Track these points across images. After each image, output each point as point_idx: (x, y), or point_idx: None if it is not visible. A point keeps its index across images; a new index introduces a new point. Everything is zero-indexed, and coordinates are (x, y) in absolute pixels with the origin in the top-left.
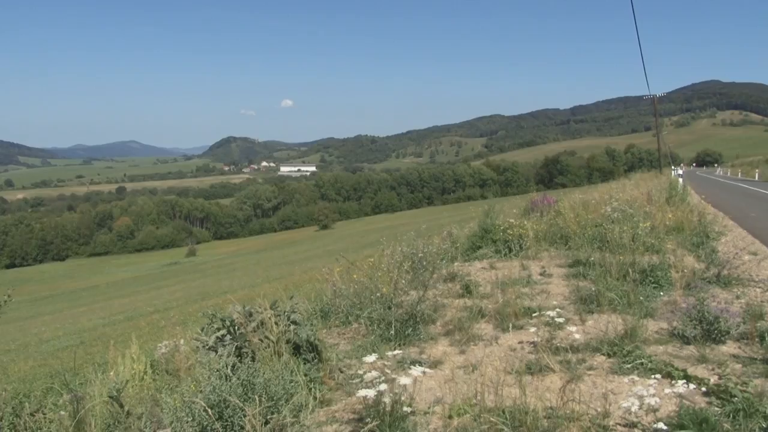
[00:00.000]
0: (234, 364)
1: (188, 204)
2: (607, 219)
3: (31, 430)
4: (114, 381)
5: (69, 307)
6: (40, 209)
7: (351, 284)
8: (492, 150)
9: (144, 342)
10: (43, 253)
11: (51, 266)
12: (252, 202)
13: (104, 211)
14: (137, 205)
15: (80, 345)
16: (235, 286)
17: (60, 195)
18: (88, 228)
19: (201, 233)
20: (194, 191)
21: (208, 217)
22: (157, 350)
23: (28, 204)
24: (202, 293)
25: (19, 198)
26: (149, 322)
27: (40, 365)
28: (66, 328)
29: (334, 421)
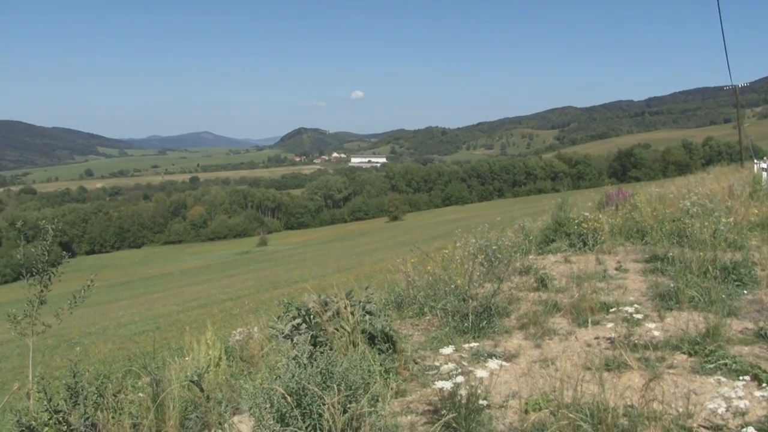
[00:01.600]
0: (310, 352)
1: (260, 194)
2: (686, 213)
3: (114, 410)
4: (194, 366)
5: (144, 293)
6: (117, 198)
7: (425, 275)
8: (564, 142)
9: (218, 329)
10: (120, 241)
11: (127, 253)
12: (323, 193)
13: (178, 201)
14: (210, 195)
15: (156, 330)
16: (305, 275)
17: (136, 184)
18: (163, 217)
19: (272, 223)
20: (266, 181)
21: (280, 207)
22: (232, 337)
23: (106, 193)
24: (273, 282)
25: (98, 187)
26: (222, 309)
27: (119, 348)
28: (142, 313)
29: (408, 411)
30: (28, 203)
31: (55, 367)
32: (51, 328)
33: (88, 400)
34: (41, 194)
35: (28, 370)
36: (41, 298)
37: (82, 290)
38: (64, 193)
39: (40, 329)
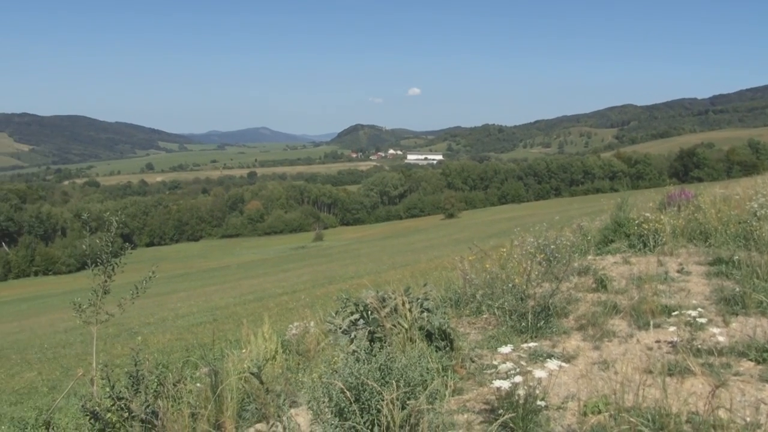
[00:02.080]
0: (368, 348)
1: (316, 189)
2: (753, 216)
3: (173, 399)
4: (251, 358)
5: (202, 285)
6: (177, 192)
7: (482, 273)
8: (623, 141)
9: (274, 322)
10: (179, 234)
11: (186, 246)
12: (378, 189)
13: (236, 195)
14: (267, 190)
15: (213, 322)
16: (361, 271)
17: (195, 178)
18: (221, 210)
19: (328, 218)
20: (322, 177)
21: (336, 203)
22: (288, 331)
23: (166, 186)
24: (329, 277)
25: (158, 181)
26: (278, 303)
27: (177, 339)
28: (199, 305)
29: (465, 410)
30: (92, 195)
31: (116, 355)
32: (113, 318)
33: (148, 389)
34: (104, 187)
35: (91, 357)
36: (105, 288)
37: (143, 281)
38: (125, 186)
39: (103, 318)
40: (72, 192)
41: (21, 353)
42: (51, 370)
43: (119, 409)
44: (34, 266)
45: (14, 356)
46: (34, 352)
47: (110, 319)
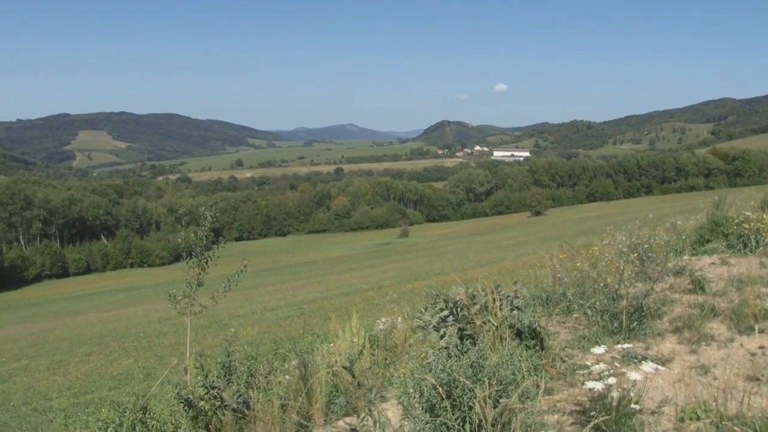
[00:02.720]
0: (459, 345)
1: (402, 186)
2: None
3: (264, 390)
4: (339, 352)
5: (289, 279)
6: (265, 187)
7: (572, 272)
8: (720, 137)
9: (360, 317)
10: (267, 228)
11: (274, 241)
12: (465, 186)
13: (323, 191)
14: (354, 186)
15: (300, 315)
16: (446, 268)
17: (283, 174)
18: (308, 206)
19: (414, 215)
20: (408, 174)
21: (421, 200)
22: (376, 326)
23: (255, 182)
24: (414, 274)
25: (248, 177)
26: (364, 298)
27: (265, 331)
28: (287, 299)
29: (555, 410)
30: (184, 191)
31: (206, 345)
32: (206, 309)
33: (240, 379)
34: (196, 183)
35: (184, 347)
36: (199, 280)
37: (235, 275)
38: (216, 182)
39: (197, 309)
40: (165, 187)
41: (118, 341)
42: (146, 358)
43: (212, 398)
44: (130, 258)
45: (112, 344)
46: (130, 341)
47: (203, 310)
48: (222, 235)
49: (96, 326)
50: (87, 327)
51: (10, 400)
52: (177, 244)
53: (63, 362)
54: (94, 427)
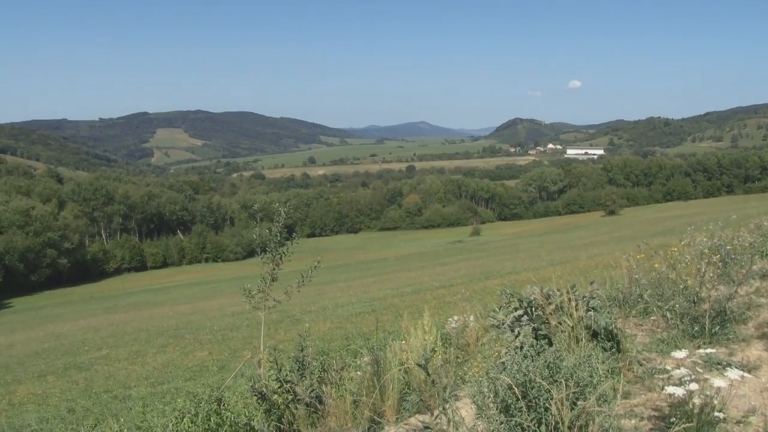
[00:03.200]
0: (534, 345)
1: (474, 184)
2: None
3: (336, 385)
4: (414, 350)
5: (360, 276)
6: (337, 184)
7: (650, 273)
8: None
9: (431, 315)
10: (339, 225)
11: (345, 237)
12: (537, 185)
13: (394, 189)
14: (425, 184)
15: (371, 312)
16: (518, 267)
17: (355, 172)
18: (380, 204)
19: (485, 213)
20: (480, 172)
21: (493, 198)
22: (448, 324)
23: (327, 179)
24: (486, 272)
25: (320, 174)
26: (435, 296)
27: (337, 327)
28: (358, 295)
29: (633, 415)
30: (258, 188)
31: (279, 340)
32: (280, 304)
33: (313, 374)
34: (269, 179)
35: (257, 340)
36: (273, 275)
37: (309, 270)
38: (289, 178)
39: (271, 304)
40: (240, 184)
41: (194, 333)
42: (220, 350)
43: (285, 391)
44: (205, 253)
45: (188, 336)
46: (205, 334)
47: (277, 305)
48: (295, 231)
49: (172, 319)
50: (164, 319)
51: (92, 387)
52: (251, 240)
53: (141, 353)
54: (171, 416)
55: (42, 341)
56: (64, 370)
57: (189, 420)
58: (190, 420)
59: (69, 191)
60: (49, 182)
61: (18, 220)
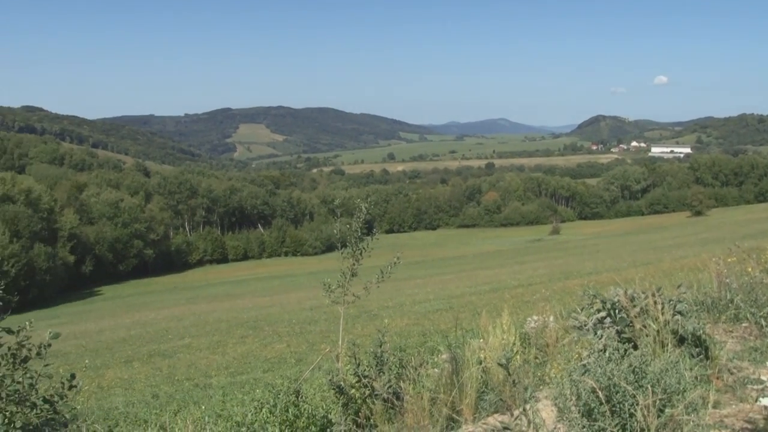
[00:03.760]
0: (618, 348)
1: (554, 182)
2: None
3: (413, 382)
4: (493, 348)
5: (438, 273)
6: (416, 181)
7: (742, 277)
8: None
9: (509, 314)
10: (417, 222)
11: (423, 234)
12: (619, 183)
13: (473, 186)
14: (505, 181)
15: (449, 309)
16: (599, 267)
17: (434, 168)
18: (458, 201)
19: (566, 212)
20: (560, 170)
21: (574, 197)
22: (527, 324)
23: (406, 176)
24: (565, 272)
25: (399, 170)
26: (513, 295)
27: (414, 324)
28: (436, 292)
29: (723, 426)
30: (337, 183)
31: (356, 335)
32: (359, 299)
33: (391, 370)
34: (348, 175)
35: (335, 334)
36: (353, 270)
37: (388, 266)
38: (368, 174)
39: (350, 299)
40: (319, 179)
41: (272, 326)
42: (298, 343)
43: (363, 386)
44: (285, 247)
45: (267, 328)
46: (283, 326)
47: (356, 300)
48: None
49: (252, 311)
50: (244, 311)
51: (175, 374)
52: (330, 235)
53: (221, 343)
54: (250, 406)
55: (129, 328)
56: (148, 356)
57: (267, 411)
58: (268, 411)
59: (155, 184)
60: (137, 176)
61: (108, 211)
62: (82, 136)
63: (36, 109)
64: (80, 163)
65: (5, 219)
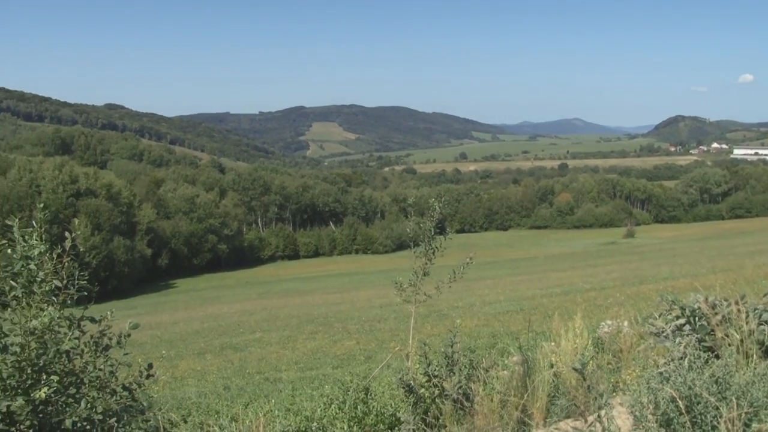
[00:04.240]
0: (699, 357)
1: (630, 184)
2: None
3: (484, 383)
4: (565, 352)
5: (508, 274)
6: (488, 181)
7: None
8: None
9: (581, 318)
10: (489, 222)
11: (494, 234)
12: (699, 186)
13: (546, 186)
14: (578, 182)
15: (519, 311)
16: (675, 273)
17: (506, 169)
18: (530, 201)
19: (641, 215)
20: (636, 171)
21: (650, 199)
22: (600, 329)
23: (478, 175)
24: (639, 277)
25: (471, 170)
26: (585, 299)
27: (484, 325)
28: (506, 293)
29: None
30: (409, 182)
31: (426, 334)
32: (430, 299)
33: (462, 371)
34: (420, 174)
35: (404, 333)
36: (425, 269)
37: (461, 266)
38: (440, 174)
39: (422, 298)
40: (391, 178)
41: (342, 323)
42: (367, 341)
43: (433, 386)
44: (355, 245)
45: (336, 325)
46: (353, 323)
47: (427, 300)
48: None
49: (322, 307)
50: (314, 307)
51: (246, 367)
52: (400, 233)
53: (292, 338)
54: (319, 401)
55: (202, 321)
56: (220, 349)
57: (336, 407)
58: (337, 407)
59: (230, 181)
60: (212, 172)
61: (184, 206)
62: (161, 133)
63: (118, 107)
64: (158, 159)
65: (87, 212)
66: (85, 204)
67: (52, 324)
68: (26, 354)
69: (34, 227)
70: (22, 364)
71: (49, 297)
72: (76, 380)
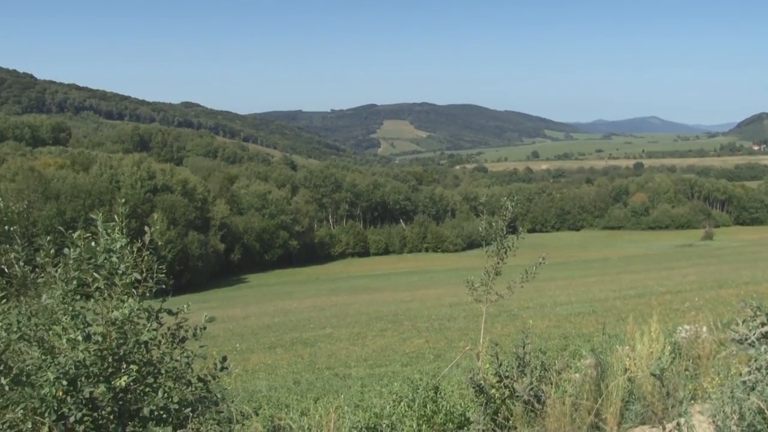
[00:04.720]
0: None
1: (709, 184)
2: None
3: (555, 385)
4: (640, 357)
5: (580, 275)
6: (560, 180)
7: None
8: None
9: (657, 322)
10: (561, 222)
11: (566, 235)
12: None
13: (620, 186)
14: (654, 182)
15: (591, 313)
16: (758, 277)
17: (579, 168)
18: (604, 201)
19: (720, 216)
20: (716, 171)
21: (730, 200)
22: (677, 333)
23: (550, 174)
24: (718, 280)
25: (543, 168)
26: (661, 302)
27: (555, 326)
28: (578, 295)
29: None
30: (480, 180)
31: (496, 334)
32: (502, 299)
33: (533, 372)
34: (491, 173)
35: (473, 332)
36: (497, 269)
37: (533, 266)
38: (511, 172)
39: (493, 298)
40: (462, 176)
41: (412, 321)
42: (437, 339)
43: (503, 387)
44: (425, 243)
45: (406, 322)
46: (422, 321)
47: (498, 299)
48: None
49: (391, 305)
50: (383, 304)
51: (315, 362)
52: (470, 232)
53: (361, 335)
54: (388, 398)
55: (273, 316)
56: (291, 344)
57: (406, 404)
58: (407, 405)
59: (301, 178)
60: (285, 169)
61: (256, 203)
62: (234, 130)
63: (193, 104)
64: (232, 156)
65: (164, 207)
66: (162, 199)
67: (132, 315)
68: (108, 343)
69: (115, 221)
70: (104, 353)
71: (129, 289)
72: (154, 370)
